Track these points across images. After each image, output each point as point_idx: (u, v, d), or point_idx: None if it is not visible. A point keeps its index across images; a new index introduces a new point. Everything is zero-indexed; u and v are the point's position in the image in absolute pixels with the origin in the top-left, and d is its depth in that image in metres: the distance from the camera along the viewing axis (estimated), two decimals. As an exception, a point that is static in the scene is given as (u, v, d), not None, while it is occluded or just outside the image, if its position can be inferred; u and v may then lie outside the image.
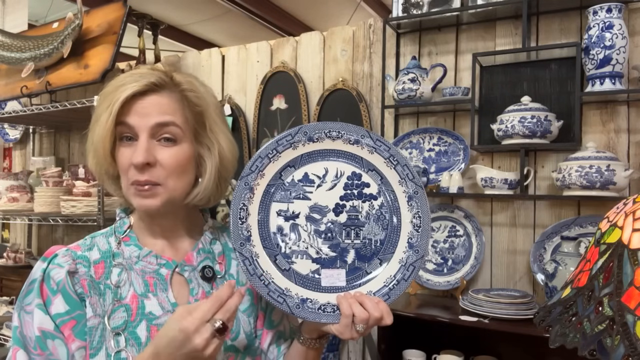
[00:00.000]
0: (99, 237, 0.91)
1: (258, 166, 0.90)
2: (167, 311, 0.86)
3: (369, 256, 0.90)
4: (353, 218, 0.91)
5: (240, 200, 0.88)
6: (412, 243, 0.90)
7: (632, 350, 0.53)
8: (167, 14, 4.77)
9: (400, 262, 0.90)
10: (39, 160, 2.90)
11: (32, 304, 0.81)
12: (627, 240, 0.59)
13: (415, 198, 0.90)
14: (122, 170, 0.85)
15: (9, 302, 2.63)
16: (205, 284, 0.90)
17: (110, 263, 0.87)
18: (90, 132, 0.88)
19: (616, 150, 1.68)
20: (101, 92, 0.87)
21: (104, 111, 0.83)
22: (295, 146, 0.91)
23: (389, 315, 0.83)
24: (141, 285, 0.86)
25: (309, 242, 0.90)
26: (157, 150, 0.84)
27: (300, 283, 0.88)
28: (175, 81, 0.88)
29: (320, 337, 0.91)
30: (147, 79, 0.84)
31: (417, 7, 1.91)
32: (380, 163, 0.91)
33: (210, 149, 0.91)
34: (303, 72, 2.25)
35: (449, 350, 1.74)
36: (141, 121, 0.83)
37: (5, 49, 2.39)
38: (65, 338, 0.80)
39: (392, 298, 0.88)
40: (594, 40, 1.57)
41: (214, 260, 0.94)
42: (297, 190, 0.91)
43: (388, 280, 0.89)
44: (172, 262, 0.89)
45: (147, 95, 0.84)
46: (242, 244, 0.87)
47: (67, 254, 0.85)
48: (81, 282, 0.83)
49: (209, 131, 0.91)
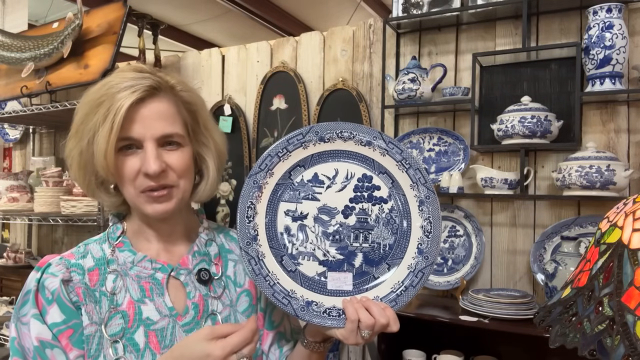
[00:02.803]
0: (92, 244, 0.90)
1: (267, 165, 0.88)
2: (165, 316, 0.85)
3: (377, 260, 0.88)
4: (362, 221, 0.89)
5: (248, 198, 0.87)
6: (422, 249, 0.88)
7: (632, 350, 0.53)
8: (167, 14, 4.77)
9: (409, 268, 0.88)
10: (39, 160, 2.90)
11: (28, 314, 0.80)
12: (627, 240, 0.59)
13: (426, 203, 0.88)
14: (127, 180, 0.83)
15: (9, 302, 2.63)
16: (202, 287, 0.89)
17: (105, 270, 0.86)
18: (72, 143, 0.85)
19: (616, 150, 1.68)
20: (87, 99, 0.83)
21: (100, 122, 0.80)
22: (306, 146, 0.89)
23: (396, 322, 0.81)
24: (137, 291, 0.85)
25: (317, 243, 0.88)
26: (164, 155, 0.84)
27: (306, 285, 0.87)
28: (168, 83, 0.86)
29: (324, 341, 0.90)
30: (142, 83, 0.81)
31: (417, 7, 1.91)
32: (392, 166, 0.89)
33: (207, 146, 0.91)
34: (303, 72, 2.25)
35: (449, 350, 1.74)
36: (146, 131, 0.82)
37: (5, 49, 2.39)
38: (63, 347, 0.79)
39: (400, 305, 0.86)
40: (594, 40, 1.57)
41: (210, 262, 0.93)
42: (306, 191, 0.89)
43: (396, 286, 0.87)
44: (168, 266, 0.88)
45: (145, 102, 0.82)
46: (249, 243, 0.86)
47: (61, 262, 0.84)
48: (76, 290, 0.82)
49: (204, 128, 0.91)
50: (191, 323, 0.86)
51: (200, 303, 0.88)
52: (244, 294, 0.94)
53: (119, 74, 0.84)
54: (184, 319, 0.86)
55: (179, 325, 0.85)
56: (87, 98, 0.84)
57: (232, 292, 0.93)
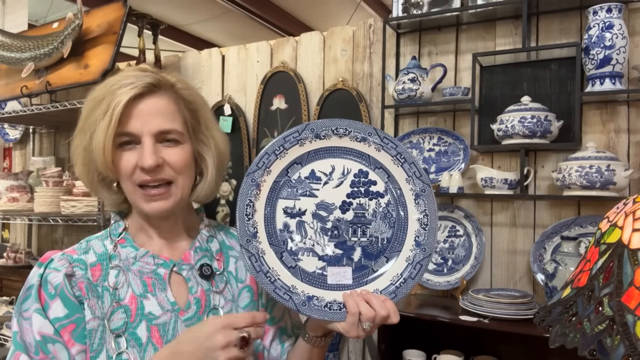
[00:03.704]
0: (94, 240, 0.91)
1: (265, 162, 0.90)
2: (167, 310, 0.86)
3: (376, 254, 0.90)
4: (360, 216, 0.90)
5: (247, 196, 0.88)
6: (420, 241, 0.90)
7: (632, 350, 0.53)
8: (167, 14, 4.77)
9: (407, 260, 0.90)
10: (39, 160, 2.90)
11: (30, 309, 0.81)
12: (627, 240, 0.59)
13: (422, 196, 0.90)
14: (124, 175, 0.84)
15: (9, 302, 2.63)
16: (204, 282, 0.90)
17: (107, 265, 0.87)
18: (78, 139, 0.87)
19: (616, 150, 1.68)
20: (91, 97, 0.85)
21: (100, 117, 0.81)
22: (302, 143, 0.91)
23: (396, 313, 0.83)
24: (139, 286, 0.86)
25: (315, 239, 0.90)
26: (161, 151, 0.84)
27: (306, 280, 0.88)
28: (169, 81, 0.87)
29: (325, 335, 0.91)
30: (142, 80, 0.83)
31: (417, 7, 1.91)
32: (388, 161, 0.91)
33: (208, 145, 0.92)
34: (303, 72, 2.25)
35: (449, 350, 1.74)
36: (144, 126, 0.83)
37: (5, 49, 2.39)
38: (65, 342, 0.80)
39: (399, 296, 0.88)
40: (594, 40, 1.57)
41: (211, 257, 0.94)
42: (304, 188, 0.91)
43: (395, 278, 0.89)
44: (170, 262, 0.89)
45: (144, 98, 0.83)
46: (249, 240, 0.87)
47: (63, 257, 0.85)
48: (79, 284, 0.83)
49: (205, 128, 0.92)
50: (193, 318, 0.87)
51: (202, 298, 0.89)
52: (246, 290, 0.95)
53: (122, 72, 0.87)
54: (186, 314, 0.87)
55: (181, 320, 0.86)
56: (91, 95, 0.86)
57: (233, 287, 0.94)
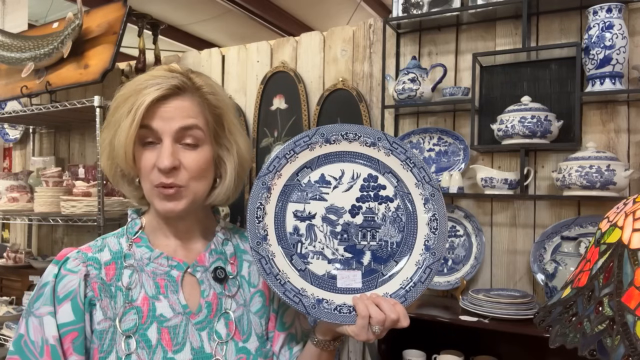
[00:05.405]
0: (110, 237, 0.91)
1: (275, 166, 0.90)
2: (178, 313, 0.86)
3: (385, 258, 0.90)
4: (369, 220, 0.91)
5: (258, 199, 0.89)
6: (429, 245, 0.90)
7: (632, 350, 0.53)
8: (167, 14, 4.76)
9: (417, 264, 0.90)
10: (39, 160, 2.90)
11: (44, 310, 0.81)
12: (627, 240, 0.59)
13: (432, 200, 0.91)
14: (144, 173, 0.85)
15: (9, 302, 2.63)
16: (217, 285, 0.91)
17: (122, 264, 0.87)
18: (105, 133, 0.88)
19: (616, 150, 1.68)
20: (118, 95, 0.87)
21: (124, 115, 0.82)
22: (312, 147, 0.91)
23: (406, 317, 0.83)
24: (152, 287, 0.86)
25: (325, 242, 0.90)
26: (180, 153, 0.85)
27: (316, 284, 0.88)
28: (195, 84, 0.88)
29: (334, 339, 0.91)
30: (169, 82, 0.83)
31: (417, 7, 1.91)
32: (397, 165, 0.92)
33: (229, 150, 0.92)
34: (303, 72, 2.25)
35: (449, 350, 1.74)
36: (165, 125, 0.83)
37: (5, 49, 2.39)
38: (63, 351, 0.80)
39: (409, 300, 0.88)
40: (594, 40, 1.57)
41: (226, 261, 0.94)
42: (314, 191, 0.91)
43: (405, 282, 0.89)
44: (184, 264, 0.89)
45: (169, 99, 0.84)
46: (259, 243, 0.88)
47: (78, 256, 0.85)
48: (92, 285, 0.84)
49: (228, 132, 0.92)
50: (204, 321, 0.87)
51: (213, 302, 0.89)
52: (258, 295, 0.95)
53: (150, 72, 0.87)
54: (197, 317, 0.87)
55: (191, 323, 0.86)
56: (119, 92, 0.87)
57: (246, 291, 0.94)
